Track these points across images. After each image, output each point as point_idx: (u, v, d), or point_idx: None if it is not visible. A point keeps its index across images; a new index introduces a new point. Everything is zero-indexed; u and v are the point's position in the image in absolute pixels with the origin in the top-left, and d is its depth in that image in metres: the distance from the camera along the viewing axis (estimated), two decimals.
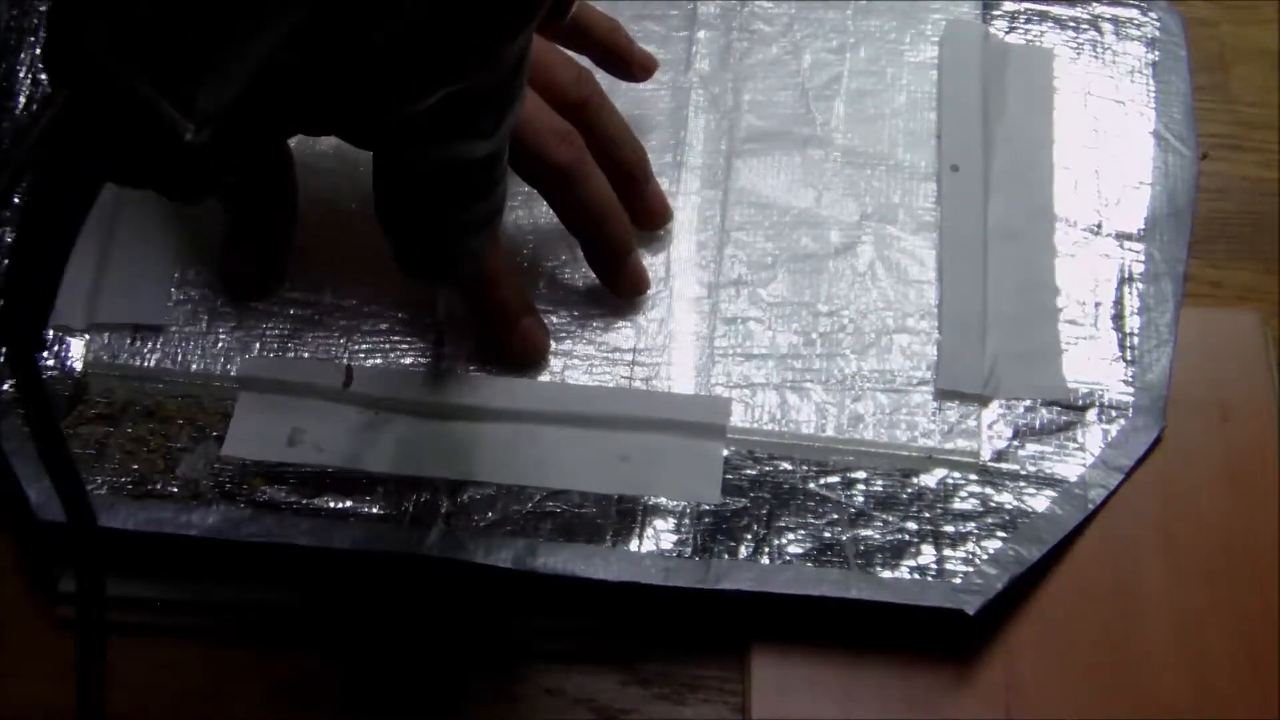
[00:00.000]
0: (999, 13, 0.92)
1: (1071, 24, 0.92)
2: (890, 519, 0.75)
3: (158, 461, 0.75)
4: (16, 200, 0.62)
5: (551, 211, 0.80)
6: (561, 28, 0.80)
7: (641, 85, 0.86)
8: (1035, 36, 0.91)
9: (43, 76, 0.86)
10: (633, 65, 0.84)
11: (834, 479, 0.76)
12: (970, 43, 0.90)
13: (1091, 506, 0.76)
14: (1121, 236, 0.85)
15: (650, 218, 0.82)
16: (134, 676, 0.73)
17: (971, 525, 0.75)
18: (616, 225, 0.79)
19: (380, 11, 0.54)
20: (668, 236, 0.83)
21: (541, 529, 0.74)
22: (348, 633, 0.74)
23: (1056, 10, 0.92)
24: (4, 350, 0.52)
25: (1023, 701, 0.73)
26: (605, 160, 0.79)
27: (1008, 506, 0.76)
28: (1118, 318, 0.82)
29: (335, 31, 0.54)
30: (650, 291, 0.81)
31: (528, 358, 0.79)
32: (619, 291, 0.81)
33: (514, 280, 0.79)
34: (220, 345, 0.79)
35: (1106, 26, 0.92)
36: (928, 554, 0.74)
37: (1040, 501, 0.76)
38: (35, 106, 0.82)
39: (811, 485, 0.76)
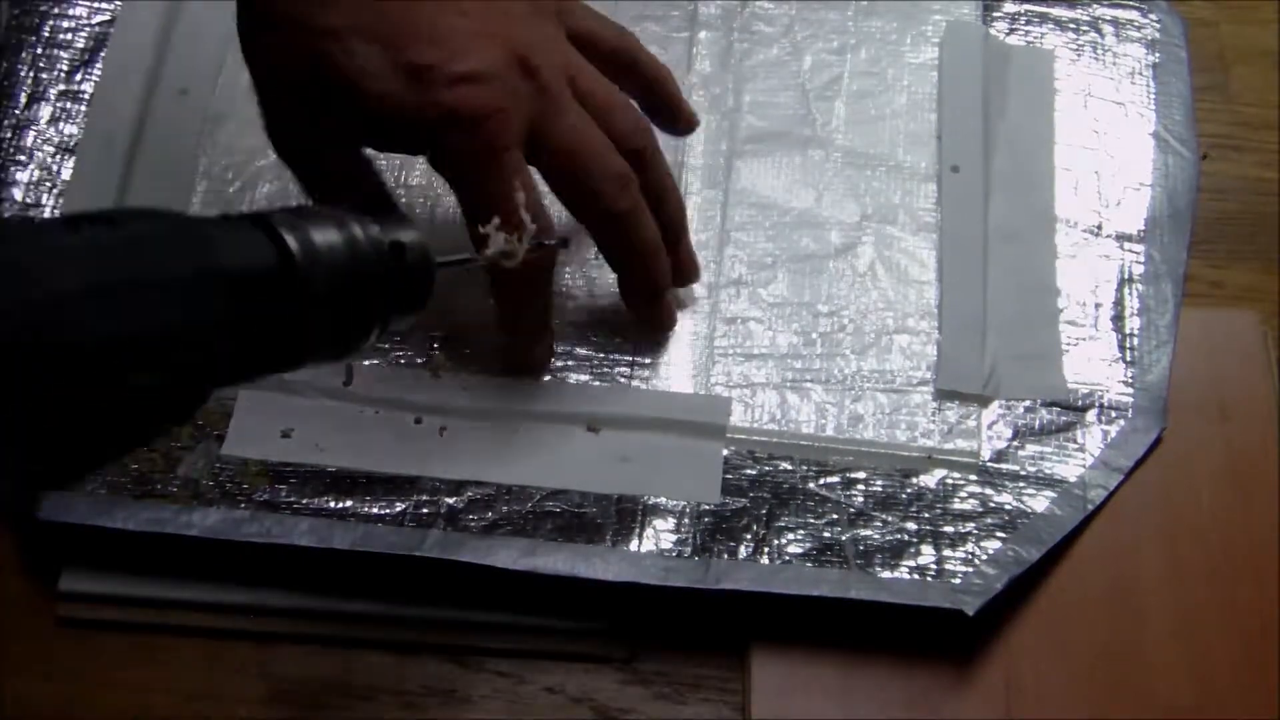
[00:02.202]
0: (999, 14, 0.92)
1: (1072, 26, 0.92)
2: (890, 519, 0.75)
3: (158, 461, 0.75)
4: None
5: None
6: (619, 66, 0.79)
7: None
8: (1036, 38, 0.91)
9: (44, 75, 0.86)
10: (680, 118, 0.83)
11: (834, 479, 0.77)
12: (971, 44, 0.90)
13: (1091, 507, 0.77)
14: (1122, 238, 0.85)
15: (680, 274, 0.82)
16: (134, 676, 0.73)
17: (971, 526, 0.75)
18: (658, 266, 0.79)
19: None
20: None
21: (541, 529, 0.74)
22: (347, 633, 0.74)
23: (1057, 12, 0.92)
24: None
25: (1023, 701, 0.73)
26: (655, 209, 0.78)
27: (1007, 507, 0.76)
28: (1118, 319, 0.82)
29: None
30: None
31: (535, 369, 0.79)
32: (651, 326, 0.81)
33: (550, 291, 0.79)
34: None
35: (1107, 28, 0.92)
36: (927, 554, 0.74)
37: (1040, 502, 0.76)
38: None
39: (811, 485, 0.76)
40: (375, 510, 0.74)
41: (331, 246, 0.55)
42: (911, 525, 0.75)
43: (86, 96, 0.86)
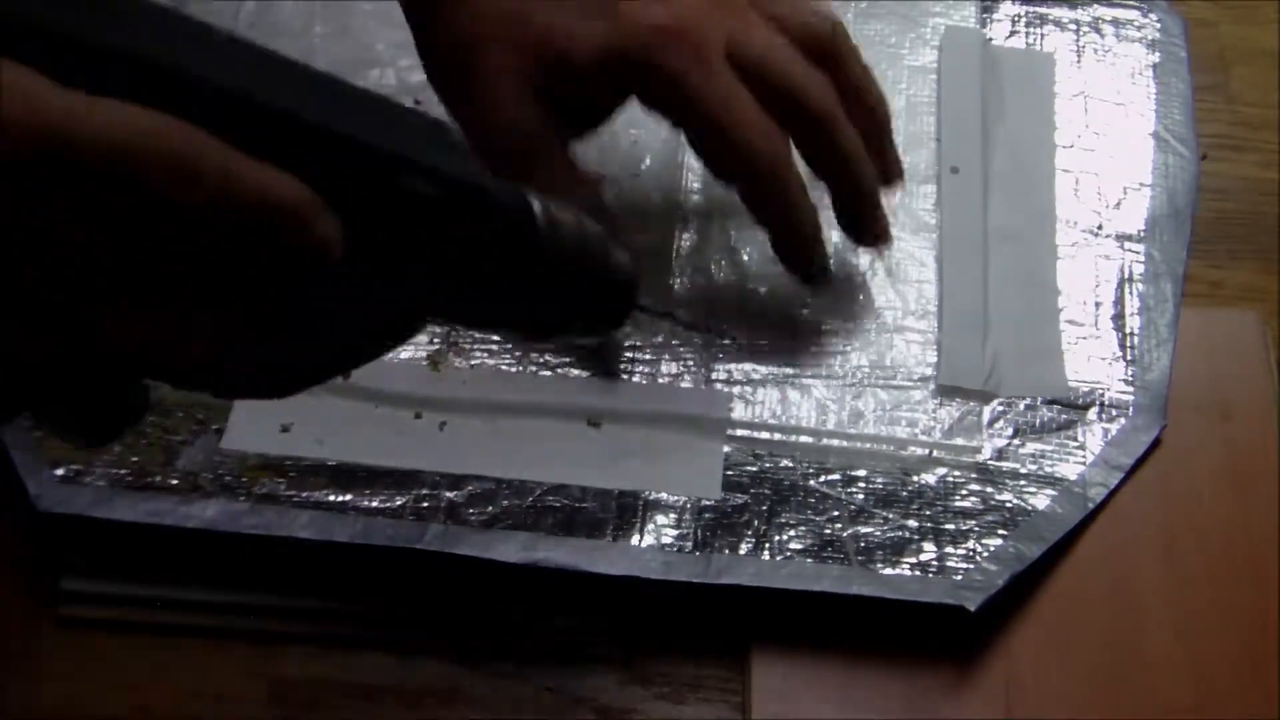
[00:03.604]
0: (999, 16, 0.92)
1: (1072, 26, 0.92)
2: (891, 516, 0.75)
3: (157, 453, 0.75)
4: None
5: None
6: None
7: None
8: (1035, 39, 0.92)
9: None
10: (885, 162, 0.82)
11: (834, 476, 0.76)
12: (969, 46, 0.90)
13: (1092, 505, 0.76)
14: (1122, 237, 0.85)
15: (886, 174, 0.81)
16: (134, 676, 0.73)
17: (972, 523, 0.75)
18: (864, 169, 0.79)
19: None
20: (669, 235, 0.83)
21: (542, 523, 0.74)
22: (347, 633, 0.74)
23: (1057, 13, 0.93)
24: None
25: (1023, 701, 0.72)
26: (852, 109, 0.78)
27: (1008, 504, 0.76)
28: (1118, 318, 0.82)
29: None
30: (649, 287, 0.81)
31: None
32: (865, 239, 0.81)
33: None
34: None
35: (1107, 29, 0.92)
36: (928, 551, 0.74)
37: (1041, 500, 0.76)
38: None
39: (812, 482, 0.76)
40: (375, 504, 0.74)
41: (568, 225, 0.60)
42: (912, 522, 0.75)
43: None
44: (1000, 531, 0.75)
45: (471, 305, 0.58)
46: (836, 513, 0.75)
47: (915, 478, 0.77)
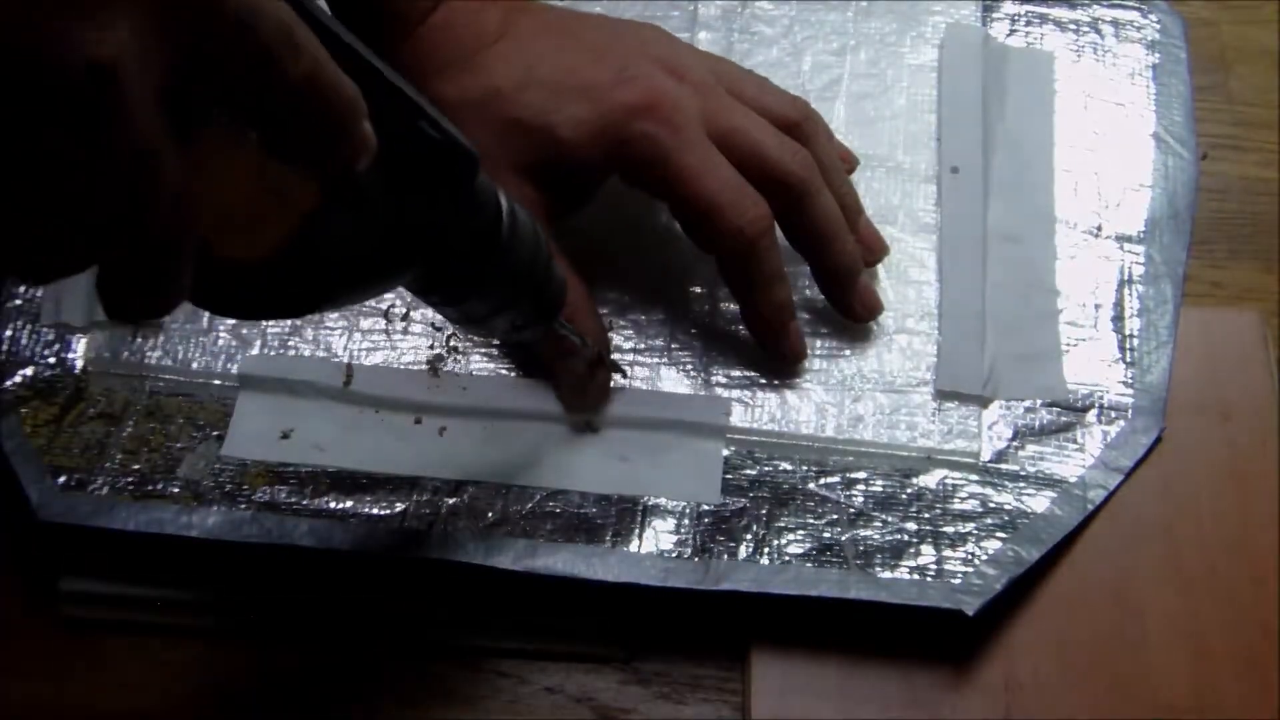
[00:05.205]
0: (999, 15, 0.92)
1: (1072, 26, 0.92)
2: (890, 519, 0.75)
3: (158, 461, 0.75)
4: None
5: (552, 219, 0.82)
6: None
7: None
8: (1035, 39, 0.92)
9: None
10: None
11: (834, 479, 0.76)
12: (970, 45, 0.90)
13: (1091, 507, 0.76)
14: (1121, 239, 0.85)
15: (869, 251, 0.82)
16: (134, 676, 0.73)
17: (971, 526, 0.75)
18: (848, 243, 0.80)
19: None
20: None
21: (541, 529, 0.74)
22: (347, 633, 0.74)
23: (1057, 13, 0.92)
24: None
25: (1023, 701, 0.72)
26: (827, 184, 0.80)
27: (1007, 507, 0.76)
28: (1118, 319, 0.82)
29: None
30: (649, 291, 0.81)
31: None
32: (854, 314, 0.81)
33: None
34: (220, 343, 0.79)
35: (1107, 29, 0.92)
36: (927, 554, 0.74)
37: (1040, 502, 0.76)
38: None
39: (811, 485, 0.76)
40: (375, 511, 0.74)
41: (525, 222, 0.66)
42: (911, 525, 0.75)
43: None
44: (999, 534, 0.75)
45: (441, 264, 0.63)
46: (835, 516, 0.75)
47: (914, 480, 0.77)
